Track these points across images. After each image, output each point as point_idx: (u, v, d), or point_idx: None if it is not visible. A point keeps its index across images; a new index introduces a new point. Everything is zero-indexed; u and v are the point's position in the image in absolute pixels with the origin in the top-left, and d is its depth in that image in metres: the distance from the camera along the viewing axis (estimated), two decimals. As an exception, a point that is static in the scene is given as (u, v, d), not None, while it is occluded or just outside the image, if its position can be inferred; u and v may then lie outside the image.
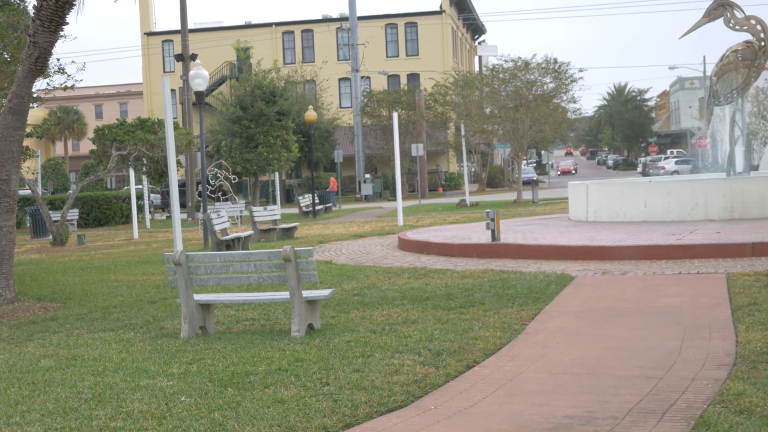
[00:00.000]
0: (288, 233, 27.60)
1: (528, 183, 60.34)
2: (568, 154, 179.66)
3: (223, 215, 24.37)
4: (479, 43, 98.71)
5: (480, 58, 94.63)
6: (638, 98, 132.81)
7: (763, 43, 22.91)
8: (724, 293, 11.70)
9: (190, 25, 59.29)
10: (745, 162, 24.74)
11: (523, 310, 11.28)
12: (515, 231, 21.50)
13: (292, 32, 79.58)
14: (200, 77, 25.32)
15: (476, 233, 21.28)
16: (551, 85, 50.79)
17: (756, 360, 7.97)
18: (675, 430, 6.17)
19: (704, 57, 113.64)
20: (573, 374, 8.03)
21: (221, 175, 27.50)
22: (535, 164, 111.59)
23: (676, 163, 77.12)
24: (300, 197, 45.01)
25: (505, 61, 51.19)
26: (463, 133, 53.79)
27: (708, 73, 57.21)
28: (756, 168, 50.87)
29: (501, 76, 51.19)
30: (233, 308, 12.90)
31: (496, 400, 7.31)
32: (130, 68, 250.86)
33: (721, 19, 23.20)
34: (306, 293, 10.64)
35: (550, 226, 22.53)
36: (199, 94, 26.08)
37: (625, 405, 6.87)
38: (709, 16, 23.37)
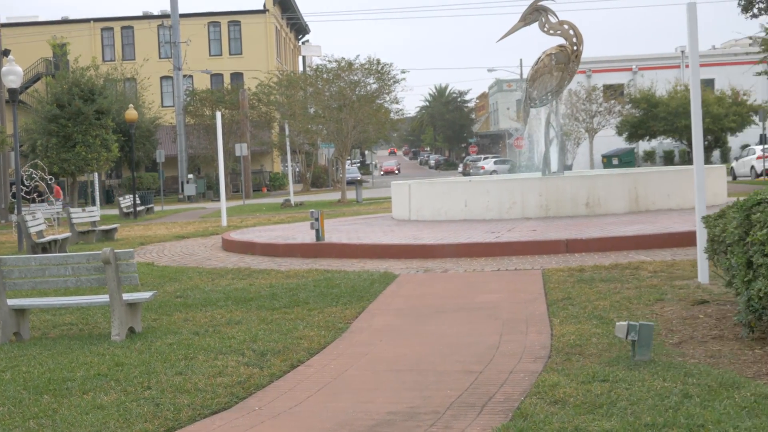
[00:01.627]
0: (108, 235, 26.88)
1: (352, 183, 60.80)
2: (392, 154, 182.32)
3: (38, 217, 23.53)
4: (303, 43, 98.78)
5: (304, 58, 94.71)
6: (459, 99, 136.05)
7: (575, 48, 23.83)
8: (540, 289, 12.11)
9: (3, 19, 57.04)
10: (560, 162, 25.65)
11: (347, 309, 11.36)
12: (339, 230, 21.62)
13: (112, 29, 77.59)
14: (13, 74, 24.41)
15: (301, 233, 21.29)
16: (374, 86, 51.33)
17: (569, 352, 8.28)
18: (494, 422, 6.34)
19: (521, 60, 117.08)
20: (396, 371, 8.14)
21: (37, 175, 26.53)
22: (359, 164, 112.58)
23: (495, 162, 79.35)
24: (120, 198, 43.95)
25: (329, 61, 51.45)
26: (287, 132, 53.73)
27: (524, 76, 59.28)
28: (570, 167, 52.93)
29: (325, 76, 51.40)
30: (50, 313, 12.45)
31: (321, 399, 7.33)
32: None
33: (537, 24, 23.99)
34: (126, 296, 10.39)
35: (374, 226, 22.77)
36: (12, 91, 25.11)
37: (447, 399, 7.02)
38: (525, 20, 24.12)
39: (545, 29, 23.97)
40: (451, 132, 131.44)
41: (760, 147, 51.03)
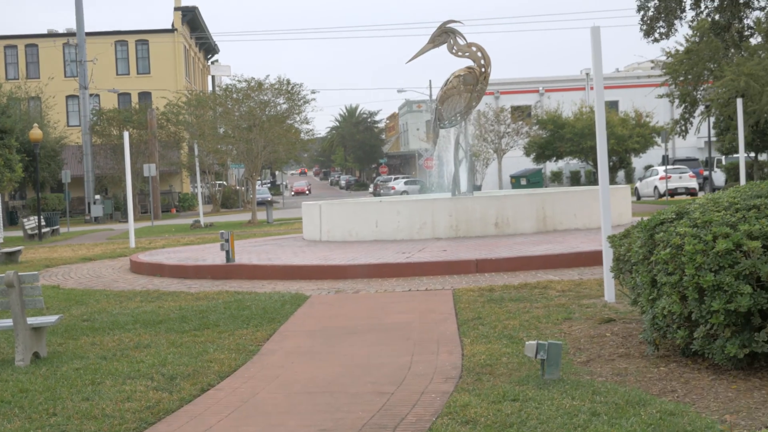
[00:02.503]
0: (12, 257, 26.22)
1: (263, 203, 60.49)
2: (302, 174, 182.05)
3: (-62, 239, 22.89)
4: (213, 62, 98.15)
5: (213, 77, 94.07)
6: (369, 120, 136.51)
7: (483, 69, 24.13)
8: (450, 308, 12.19)
9: None
10: (469, 182, 25.89)
11: (258, 331, 11.28)
12: (250, 252, 21.47)
13: (15, 47, 75.97)
14: None
15: (211, 255, 21.09)
16: (285, 106, 51.19)
17: (480, 372, 8.35)
18: (406, 444, 6.35)
19: (430, 81, 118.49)
20: (308, 393, 8.11)
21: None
22: (269, 184, 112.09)
23: (406, 183, 79.73)
24: (25, 219, 42.92)
25: (239, 81, 51.17)
26: (196, 153, 53.22)
27: (434, 97, 59.83)
28: (479, 188, 53.50)
29: (234, 96, 51.08)
30: (-50, 338, 12.09)
31: (231, 423, 7.25)
32: None
33: (445, 46, 24.24)
34: (31, 320, 10.15)
35: (285, 247, 22.68)
36: None
37: (358, 421, 7.01)
38: (434, 42, 24.36)
39: (454, 51, 24.24)
40: (362, 152, 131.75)
41: (663, 168, 52.32)
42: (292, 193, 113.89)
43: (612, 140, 62.55)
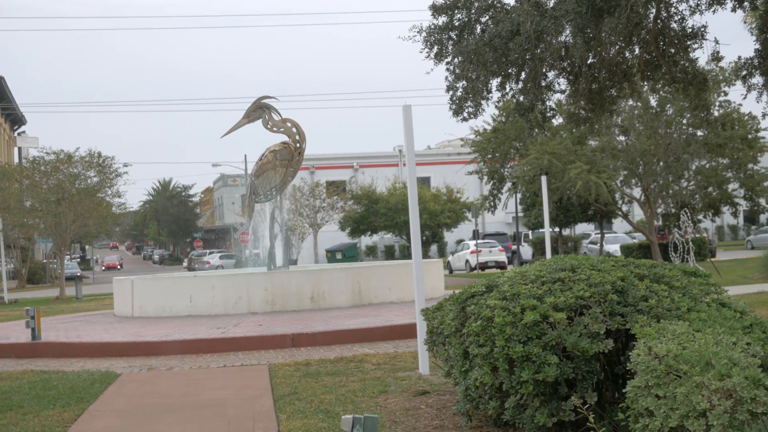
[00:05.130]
0: None
1: (72, 278, 58.57)
2: (114, 248, 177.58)
3: None
4: (19, 134, 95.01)
5: (20, 149, 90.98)
6: (183, 194, 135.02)
7: (298, 145, 24.38)
8: (266, 384, 12.08)
9: None
10: (285, 256, 25.91)
11: (65, 411, 10.83)
12: (58, 329, 20.70)
13: None
14: None
15: (15, 332, 20.18)
16: (95, 179, 50.11)
17: (297, 447, 8.28)
18: None
19: (245, 156, 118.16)
20: (119, 475, 7.83)
21: None
22: (79, 259, 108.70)
23: (221, 257, 78.97)
24: None
25: (47, 153, 49.77)
26: (0, 227, 51.17)
27: (249, 171, 59.85)
28: (295, 262, 53.55)
29: (42, 168, 49.61)
30: None
31: None
32: None
33: (260, 121, 24.37)
34: None
35: (95, 323, 21.98)
36: None
37: (172, 502, 6.81)
38: (249, 117, 24.45)
39: (269, 127, 24.39)
40: (176, 226, 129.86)
41: (473, 242, 53.88)
42: (103, 268, 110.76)
43: (425, 215, 64.11)
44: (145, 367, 14.66)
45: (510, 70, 16.27)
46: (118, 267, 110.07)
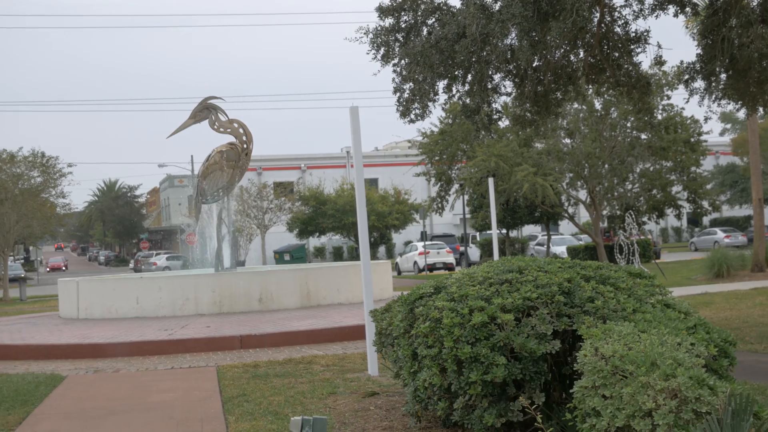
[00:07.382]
0: None
1: (15, 280, 57.77)
2: (59, 249, 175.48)
3: None
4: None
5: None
6: (129, 194, 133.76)
7: (245, 145, 24.29)
8: (215, 386, 12.03)
9: None
10: (232, 258, 25.82)
11: (9, 415, 10.70)
12: (1, 330, 20.45)
13: None
14: None
15: (-43, 335, 19.90)
16: (39, 179, 49.53)
17: (246, 449, 8.26)
18: None
19: (192, 156, 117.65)
20: (65, 479, 7.76)
21: None
22: (23, 260, 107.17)
23: (168, 259, 78.36)
24: None
25: (-11, 153, 49.05)
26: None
27: (196, 172, 59.36)
28: (243, 263, 53.29)
29: (-16, 168, 48.90)
30: None
31: None
32: None
33: (207, 121, 24.25)
34: None
35: (40, 325, 21.72)
36: None
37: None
38: (196, 117, 24.32)
39: (215, 127, 24.29)
40: (122, 227, 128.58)
41: (422, 243, 54.03)
42: (48, 269, 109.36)
43: (373, 216, 64.18)
44: (92, 370, 14.53)
45: (456, 73, 16.35)
46: (63, 268, 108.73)
